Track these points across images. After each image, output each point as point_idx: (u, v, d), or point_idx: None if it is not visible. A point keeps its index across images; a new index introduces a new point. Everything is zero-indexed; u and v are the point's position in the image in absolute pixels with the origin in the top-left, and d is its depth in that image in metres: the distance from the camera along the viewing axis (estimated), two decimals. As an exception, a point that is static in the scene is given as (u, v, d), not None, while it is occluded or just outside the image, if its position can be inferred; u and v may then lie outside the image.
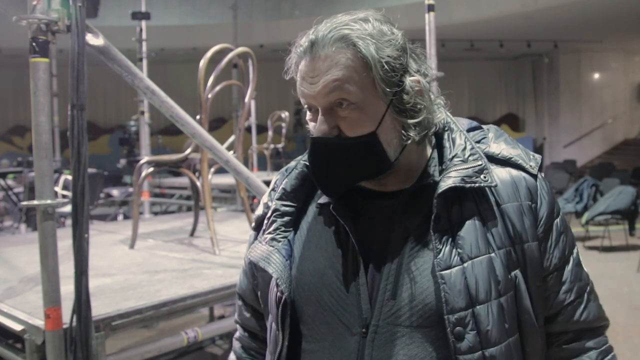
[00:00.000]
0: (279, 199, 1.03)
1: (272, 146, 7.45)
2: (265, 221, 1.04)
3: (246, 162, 6.55)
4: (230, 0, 9.18)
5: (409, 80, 0.91)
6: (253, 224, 1.11)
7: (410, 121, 0.92)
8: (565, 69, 16.27)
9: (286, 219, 1.02)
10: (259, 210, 1.09)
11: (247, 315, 1.15)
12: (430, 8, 2.90)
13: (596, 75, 16.68)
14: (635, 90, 16.67)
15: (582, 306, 0.98)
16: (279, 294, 0.96)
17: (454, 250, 0.89)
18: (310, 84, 0.90)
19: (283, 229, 1.01)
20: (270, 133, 7.43)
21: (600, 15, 11.68)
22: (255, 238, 1.09)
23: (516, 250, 0.92)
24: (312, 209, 1.02)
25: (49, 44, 1.72)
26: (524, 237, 0.93)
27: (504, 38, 14.16)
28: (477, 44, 14.49)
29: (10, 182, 7.49)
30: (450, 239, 0.90)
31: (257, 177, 2.47)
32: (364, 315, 0.91)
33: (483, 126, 1.05)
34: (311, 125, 0.95)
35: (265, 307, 1.05)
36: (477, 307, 0.87)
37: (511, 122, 18.00)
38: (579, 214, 7.99)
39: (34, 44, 1.68)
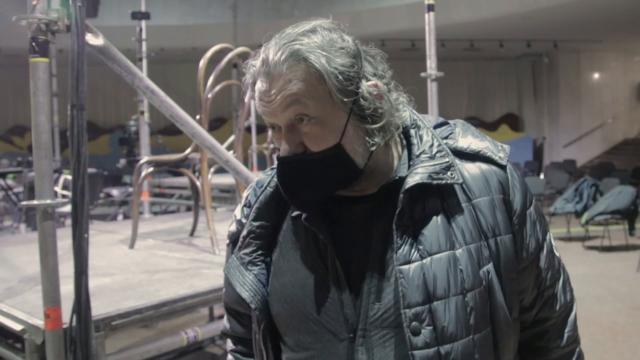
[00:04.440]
0: (254, 219, 1.01)
1: (271, 146, 7.44)
2: (241, 239, 1.02)
3: (246, 162, 6.55)
4: (230, 0, 9.17)
5: (365, 86, 0.90)
6: (227, 241, 1.09)
7: (373, 126, 0.91)
8: (565, 68, 16.26)
9: (262, 241, 1.00)
10: (233, 227, 1.07)
11: (242, 328, 1.11)
12: (430, 8, 2.90)
13: (596, 75, 16.68)
14: (635, 90, 16.67)
15: (553, 292, 1.01)
16: (259, 318, 0.97)
17: (414, 246, 0.89)
18: (268, 102, 0.89)
19: (260, 252, 1.00)
20: (270, 133, 7.41)
21: (600, 15, 11.68)
22: (232, 252, 1.06)
23: (489, 245, 0.92)
24: (287, 222, 1.01)
25: (49, 43, 1.72)
26: (496, 230, 0.92)
27: (504, 38, 14.16)
28: (477, 44, 14.49)
29: (10, 182, 7.48)
30: (411, 235, 0.89)
31: (256, 177, 2.47)
32: (349, 320, 0.91)
33: (450, 121, 1.05)
34: (277, 143, 0.95)
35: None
36: (435, 302, 0.87)
37: (511, 122, 17.99)
38: (578, 214, 7.97)
39: (33, 43, 1.68)
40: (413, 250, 0.88)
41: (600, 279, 5.72)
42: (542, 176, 12.85)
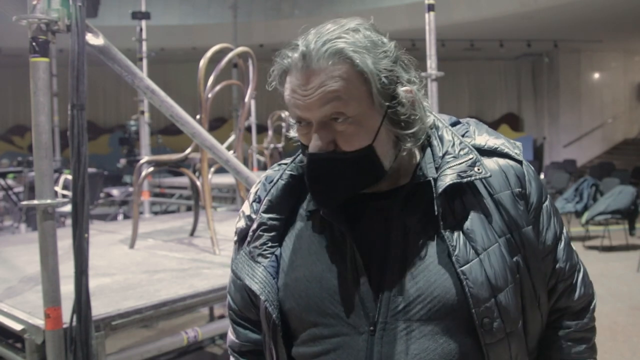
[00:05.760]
0: (266, 211, 1.00)
1: (271, 146, 7.44)
2: (251, 233, 1.01)
3: (246, 162, 6.55)
4: (230, 0, 9.17)
5: (402, 91, 0.90)
6: (235, 237, 1.07)
7: (406, 132, 0.92)
8: (565, 68, 16.26)
9: (273, 233, 0.99)
10: (241, 223, 1.05)
11: (257, 335, 1.08)
12: (430, 8, 2.90)
13: (596, 75, 16.67)
14: (635, 90, 16.67)
15: (572, 284, 1.03)
16: (268, 311, 0.96)
17: (467, 244, 0.91)
18: (303, 96, 0.87)
19: (270, 244, 0.99)
20: (270, 133, 7.42)
21: (600, 15, 11.68)
22: (239, 250, 1.04)
23: (514, 237, 0.94)
24: (300, 217, 1.01)
25: (49, 43, 1.72)
26: (519, 222, 0.95)
27: (504, 38, 14.16)
28: (477, 44, 14.49)
29: (10, 181, 7.47)
30: (460, 234, 0.91)
31: (256, 177, 2.47)
32: (370, 313, 0.91)
33: (461, 120, 1.06)
34: (302, 138, 0.93)
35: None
36: (499, 295, 0.90)
37: (511, 122, 17.99)
38: (579, 214, 7.97)
39: (34, 43, 1.68)
40: (468, 248, 0.90)
41: (600, 279, 5.72)
42: (542, 176, 12.85)
